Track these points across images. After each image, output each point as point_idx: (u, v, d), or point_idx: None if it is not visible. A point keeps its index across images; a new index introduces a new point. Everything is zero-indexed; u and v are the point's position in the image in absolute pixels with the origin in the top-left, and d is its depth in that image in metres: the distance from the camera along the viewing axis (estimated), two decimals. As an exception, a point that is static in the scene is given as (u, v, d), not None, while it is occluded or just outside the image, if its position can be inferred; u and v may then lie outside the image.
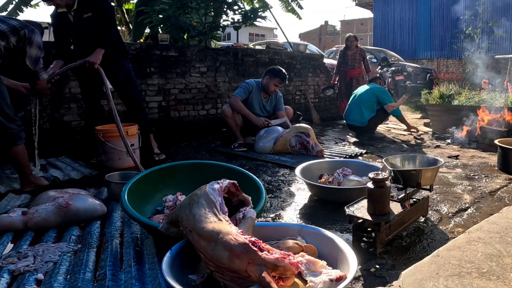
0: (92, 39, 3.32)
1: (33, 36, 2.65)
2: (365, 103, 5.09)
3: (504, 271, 1.57)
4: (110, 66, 3.41)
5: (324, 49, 23.04)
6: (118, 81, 3.57)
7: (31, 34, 2.64)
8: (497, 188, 2.93)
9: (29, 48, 2.65)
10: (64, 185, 2.99)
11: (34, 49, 2.67)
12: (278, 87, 4.30)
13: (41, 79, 2.83)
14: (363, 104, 5.08)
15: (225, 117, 4.22)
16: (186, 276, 1.45)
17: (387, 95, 5.13)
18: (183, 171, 2.35)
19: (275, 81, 4.23)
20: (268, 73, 4.29)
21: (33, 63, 2.70)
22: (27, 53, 2.66)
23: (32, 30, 2.66)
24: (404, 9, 17.39)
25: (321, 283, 1.37)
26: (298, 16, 9.75)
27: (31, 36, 2.64)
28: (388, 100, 5.08)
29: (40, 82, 2.85)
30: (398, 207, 2.02)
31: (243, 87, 4.28)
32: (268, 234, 1.75)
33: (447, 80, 9.72)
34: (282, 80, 4.26)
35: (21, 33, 2.61)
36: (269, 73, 4.29)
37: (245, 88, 4.25)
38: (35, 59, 2.71)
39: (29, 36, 2.63)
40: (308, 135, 3.92)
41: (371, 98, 5.08)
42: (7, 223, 2.05)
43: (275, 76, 4.23)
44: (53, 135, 4.14)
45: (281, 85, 4.33)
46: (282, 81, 4.27)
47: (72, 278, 1.60)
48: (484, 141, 4.33)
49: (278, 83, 4.25)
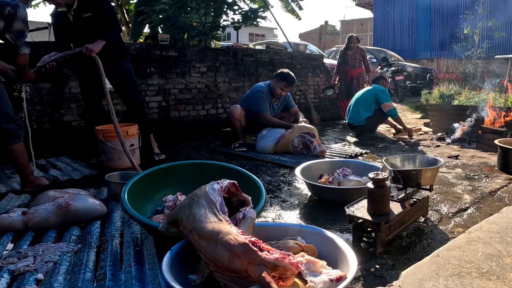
0: (91, 39, 3.29)
1: (17, 10, 2.61)
2: (363, 102, 5.09)
3: (504, 271, 1.57)
4: (110, 65, 3.41)
5: (324, 49, 23.04)
6: (118, 81, 3.56)
7: (15, 9, 2.60)
8: (497, 188, 2.93)
9: (13, 23, 2.60)
10: (64, 185, 2.99)
11: (18, 22, 2.63)
12: (284, 91, 4.26)
13: (22, 53, 2.76)
14: (360, 103, 5.10)
15: (232, 118, 4.19)
16: (186, 276, 1.45)
17: (385, 94, 5.09)
18: (183, 171, 2.35)
19: (281, 84, 4.20)
20: (276, 76, 4.28)
21: (15, 36, 2.65)
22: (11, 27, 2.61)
23: (15, 5, 2.62)
24: (404, 9, 17.39)
25: (321, 283, 1.37)
26: (297, 17, 9.76)
27: (15, 12, 2.60)
28: (384, 99, 5.04)
29: (20, 57, 2.77)
30: (398, 207, 2.02)
31: (263, 98, 4.19)
32: (268, 234, 1.75)
33: (447, 80, 9.72)
34: (288, 84, 4.22)
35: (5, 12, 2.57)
36: (277, 76, 4.27)
37: (265, 99, 4.20)
38: (18, 33, 2.66)
39: (13, 12, 2.59)
40: (313, 136, 3.93)
41: (370, 98, 5.08)
42: (7, 223, 2.05)
43: (282, 79, 4.21)
44: (53, 135, 4.14)
45: (287, 90, 4.29)
46: (288, 85, 4.23)
47: (72, 278, 1.60)
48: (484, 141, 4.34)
49: (284, 86, 4.22)
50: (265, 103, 4.19)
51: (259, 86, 4.30)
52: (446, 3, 15.71)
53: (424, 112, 7.18)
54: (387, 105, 5.03)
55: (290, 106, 4.46)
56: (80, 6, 3.28)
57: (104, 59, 3.25)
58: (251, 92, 4.35)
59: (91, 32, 3.33)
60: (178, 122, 5.14)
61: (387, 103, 5.03)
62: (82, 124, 4.32)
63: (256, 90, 4.27)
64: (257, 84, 4.39)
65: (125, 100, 3.72)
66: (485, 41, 12.70)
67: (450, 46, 15.00)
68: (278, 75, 4.26)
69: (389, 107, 5.04)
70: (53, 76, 4.11)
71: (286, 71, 4.29)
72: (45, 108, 4.10)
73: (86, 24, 3.33)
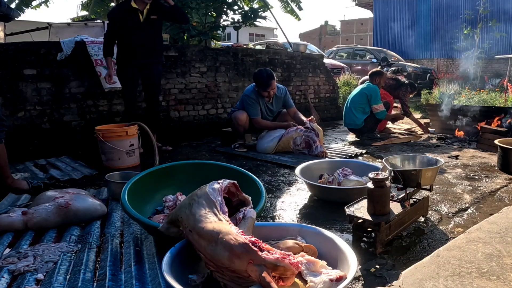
0: (153, 39, 3.81)
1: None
2: (355, 106, 5.00)
3: (504, 271, 1.57)
4: (154, 65, 3.89)
5: (324, 49, 23.06)
6: (153, 81, 3.94)
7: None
8: (497, 188, 2.93)
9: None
10: (64, 185, 2.99)
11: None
12: (269, 93, 4.02)
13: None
14: (353, 107, 5.01)
15: (237, 125, 4.10)
16: (186, 276, 1.45)
17: (376, 95, 4.93)
18: (183, 171, 2.34)
19: (261, 89, 4.02)
20: (254, 81, 4.08)
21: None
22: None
23: None
24: (404, 9, 17.40)
25: (321, 283, 1.37)
26: (297, 17, 9.75)
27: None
28: (374, 101, 4.90)
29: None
30: (398, 207, 2.02)
31: (251, 104, 4.03)
32: (268, 234, 1.75)
33: (447, 80, 9.73)
34: (263, 87, 3.98)
35: None
36: (254, 81, 4.07)
37: (253, 103, 4.05)
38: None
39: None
40: (317, 135, 3.91)
41: (361, 100, 4.97)
42: (7, 223, 2.05)
43: (258, 84, 4.02)
44: (53, 135, 4.14)
45: (268, 90, 4.00)
46: (264, 88, 3.97)
47: (72, 278, 1.60)
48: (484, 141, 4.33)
49: (262, 90, 4.01)
50: (253, 108, 4.05)
51: (247, 90, 4.16)
52: (446, 3, 15.71)
53: (424, 112, 7.19)
54: (376, 107, 4.90)
55: (288, 107, 4.31)
56: (150, 8, 3.75)
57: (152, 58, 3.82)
58: (242, 97, 4.26)
59: (154, 32, 3.83)
60: (178, 122, 5.14)
61: (376, 105, 4.90)
62: (82, 124, 4.32)
63: (244, 95, 4.15)
64: (246, 88, 4.25)
65: (150, 97, 4.02)
66: (485, 41, 12.70)
67: (450, 46, 15.01)
68: (255, 80, 4.04)
69: (377, 110, 4.91)
70: (53, 76, 4.12)
71: (258, 71, 4.04)
72: (45, 108, 4.10)
73: (152, 25, 3.80)
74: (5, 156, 2.72)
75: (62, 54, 4.13)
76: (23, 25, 8.47)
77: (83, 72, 4.30)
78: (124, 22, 3.70)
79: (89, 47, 4.30)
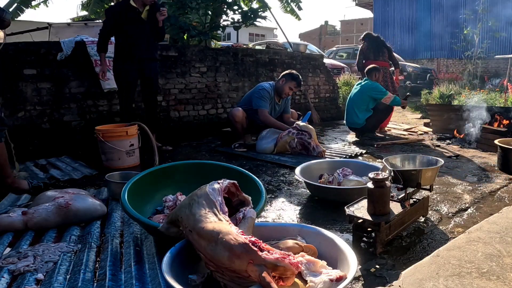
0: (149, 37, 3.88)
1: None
2: (357, 105, 5.00)
3: (504, 271, 1.57)
4: (151, 63, 3.97)
5: (324, 49, 23.04)
6: (151, 79, 4.01)
7: None
8: (497, 188, 2.93)
9: None
10: (64, 185, 2.99)
11: None
12: (292, 91, 4.30)
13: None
14: (355, 106, 5.01)
15: (234, 122, 4.16)
16: (186, 276, 1.45)
17: (378, 90, 4.93)
18: (183, 171, 2.34)
19: (292, 84, 4.23)
20: (286, 75, 4.29)
21: None
22: None
23: None
24: (404, 9, 17.39)
25: (321, 283, 1.37)
26: (297, 17, 9.75)
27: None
28: (381, 95, 4.91)
29: None
30: (398, 207, 2.02)
31: (265, 97, 4.17)
32: (268, 234, 1.75)
33: (447, 80, 9.73)
34: (298, 84, 4.28)
35: None
36: (286, 75, 4.28)
37: (267, 98, 4.20)
38: None
39: None
40: (309, 137, 3.90)
41: (363, 99, 4.97)
42: (7, 223, 2.05)
43: (293, 79, 4.24)
44: (53, 135, 4.14)
45: (296, 89, 4.35)
46: (298, 85, 4.29)
47: (72, 278, 1.60)
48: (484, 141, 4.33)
49: (294, 86, 4.25)
50: (265, 101, 4.18)
51: (263, 85, 4.29)
52: (446, 3, 15.71)
53: (424, 112, 7.19)
54: (387, 98, 4.91)
55: (285, 112, 4.48)
56: (151, 8, 3.85)
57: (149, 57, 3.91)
58: (253, 90, 4.34)
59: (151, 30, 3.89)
60: (178, 122, 5.14)
61: (386, 96, 4.90)
62: (82, 124, 4.32)
63: (260, 89, 4.26)
64: (260, 83, 4.38)
65: (149, 96, 4.08)
66: (485, 41, 12.70)
67: (450, 46, 15.01)
68: (288, 75, 4.28)
69: (390, 99, 4.92)
70: (53, 76, 4.12)
71: (295, 72, 4.34)
72: (45, 108, 4.10)
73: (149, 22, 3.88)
74: (5, 155, 2.71)
75: (62, 54, 4.13)
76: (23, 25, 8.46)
77: (83, 72, 4.30)
78: (123, 17, 3.76)
79: (89, 47, 4.30)
